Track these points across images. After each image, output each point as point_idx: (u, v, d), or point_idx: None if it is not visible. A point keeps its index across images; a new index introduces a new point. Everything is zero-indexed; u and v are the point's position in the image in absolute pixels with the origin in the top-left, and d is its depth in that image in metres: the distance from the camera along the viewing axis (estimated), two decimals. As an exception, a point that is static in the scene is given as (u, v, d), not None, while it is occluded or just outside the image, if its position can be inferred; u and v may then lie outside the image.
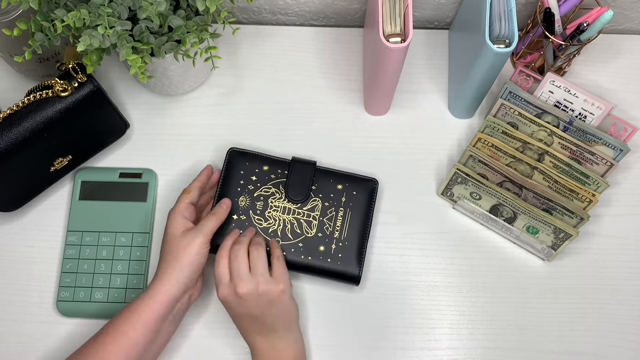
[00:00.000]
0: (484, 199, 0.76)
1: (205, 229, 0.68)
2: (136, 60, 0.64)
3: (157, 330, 0.65)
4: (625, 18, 0.89)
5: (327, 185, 0.76)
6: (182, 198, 0.71)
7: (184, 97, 0.84)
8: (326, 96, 0.85)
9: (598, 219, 0.79)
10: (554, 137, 0.76)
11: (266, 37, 0.88)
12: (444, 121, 0.84)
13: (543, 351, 0.75)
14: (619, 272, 0.78)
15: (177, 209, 0.70)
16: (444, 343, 0.75)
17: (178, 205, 0.70)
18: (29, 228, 0.78)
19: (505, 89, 0.77)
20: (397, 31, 0.67)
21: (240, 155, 0.77)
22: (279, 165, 0.77)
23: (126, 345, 0.63)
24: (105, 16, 0.62)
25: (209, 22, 0.69)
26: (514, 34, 0.68)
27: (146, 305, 0.65)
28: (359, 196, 0.76)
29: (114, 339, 0.64)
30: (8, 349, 0.74)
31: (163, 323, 0.66)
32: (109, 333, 0.65)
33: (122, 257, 0.76)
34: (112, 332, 0.64)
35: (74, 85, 0.69)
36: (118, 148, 0.82)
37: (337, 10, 0.89)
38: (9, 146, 0.67)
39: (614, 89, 0.86)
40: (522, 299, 0.76)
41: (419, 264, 0.78)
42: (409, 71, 0.86)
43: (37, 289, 0.76)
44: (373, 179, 0.77)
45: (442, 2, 0.85)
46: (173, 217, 0.69)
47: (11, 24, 0.68)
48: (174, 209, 0.70)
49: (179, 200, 0.71)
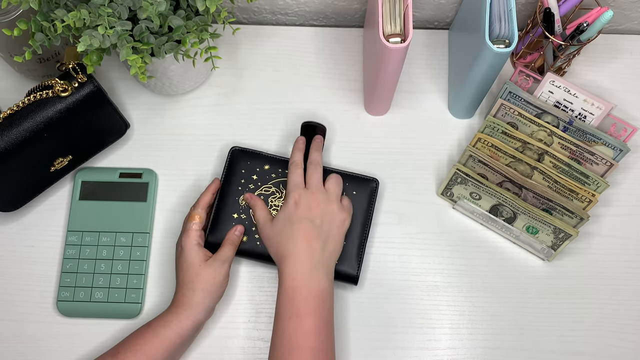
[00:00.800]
0: (484, 199, 0.76)
1: (227, 259, 0.70)
2: (136, 61, 0.64)
3: (177, 350, 0.67)
4: (625, 18, 0.89)
5: None
6: (192, 226, 0.71)
7: (184, 97, 0.84)
8: (326, 96, 0.85)
9: (598, 219, 0.79)
10: (553, 137, 0.76)
11: (266, 37, 0.88)
12: (444, 121, 0.84)
13: (543, 351, 0.75)
14: (619, 272, 0.78)
15: (191, 239, 0.70)
16: (444, 343, 0.75)
17: (190, 234, 0.70)
18: (29, 228, 0.78)
19: (505, 89, 0.77)
20: (397, 31, 0.67)
21: (242, 154, 0.77)
22: (280, 165, 0.77)
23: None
24: (106, 16, 0.62)
25: (209, 22, 0.69)
26: (513, 34, 0.68)
27: (170, 330, 0.66)
28: (359, 196, 0.76)
29: (135, 357, 0.64)
30: (9, 348, 0.74)
31: (185, 344, 0.68)
32: (130, 351, 0.64)
33: (122, 257, 0.76)
34: (133, 350, 0.64)
35: (74, 85, 0.69)
36: (118, 148, 0.82)
37: (337, 10, 0.89)
38: (9, 146, 0.67)
39: (614, 89, 0.86)
40: (522, 299, 0.76)
41: (419, 264, 0.78)
42: (409, 71, 0.86)
43: (37, 289, 0.76)
44: (374, 179, 0.77)
45: (442, 2, 0.85)
46: (189, 248, 0.69)
47: (11, 24, 0.68)
48: (188, 240, 0.70)
49: (189, 229, 0.70)
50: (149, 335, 0.65)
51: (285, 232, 0.68)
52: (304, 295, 0.65)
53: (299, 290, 0.65)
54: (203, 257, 0.69)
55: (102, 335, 0.73)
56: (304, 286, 0.65)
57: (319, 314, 0.64)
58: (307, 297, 0.65)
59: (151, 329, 0.66)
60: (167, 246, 0.78)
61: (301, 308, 0.64)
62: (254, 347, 0.74)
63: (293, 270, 0.66)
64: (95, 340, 0.73)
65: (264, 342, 0.74)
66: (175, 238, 0.77)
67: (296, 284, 0.65)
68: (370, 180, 0.77)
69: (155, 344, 0.65)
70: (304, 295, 0.65)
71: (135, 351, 0.64)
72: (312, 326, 0.63)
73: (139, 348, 0.64)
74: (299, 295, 0.65)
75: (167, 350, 0.65)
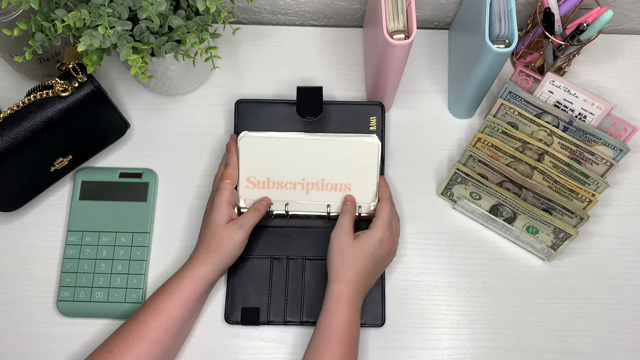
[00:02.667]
0: (484, 199, 0.76)
1: (248, 225, 0.70)
2: (136, 60, 0.64)
3: (194, 309, 0.70)
4: (625, 18, 0.89)
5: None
6: (227, 185, 0.72)
7: (184, 97, 0.85)
8: (326, 96, 0.85)
9: (598, 219, 0.79)
10: (553, 137, 0.76)
11: (266, 37, 0.88)
12: (444, 121, 0.84)
13: (543, 351, 0.75)
14: (618, 272, 0.78)
15: (222, 197, 0.71)
16: (444, 343, 0.75)
17: (223, 193, 0.71)
18: (29, 228, 0.78)
19: (505, 89, 0.77)
20: (400, 27, 0.67)
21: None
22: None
23: (167, 322, 0.66)
24: (106, 16, 0.62)
25: (209, 22, 0.69)
26: (513, 34, 0.68)
27: (186, 287, 0.67)
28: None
29: (154, 316, 0.66)
30: (9, 348, 0.74)
31: (200, 301, 0.70)
32: (149, 311, 0.67)
33: (122, 257, 0.76)
34: (152, 309, 0.67)
35: (74, 85, 0.69)
36: (118, 148, 0.82)
37: (337, 10, 0.89)
38: (9, 146, 0.67)
39: (614, 89, 0.86)
40: (522, 299, 0.76)
41: (419, 264, 0.78)
42: (409, 71, 0.86)
43: (37, 289, 0.76)
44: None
45: (442, 2, 0.85)
46: (219, 206, 0.70)
47: (11, 24, 0.68)
48: (220, 198, 0.71)
49: (224, 187, 0.71)
50: (165, 293, 0.68)
51: (358, 259, 0.69)
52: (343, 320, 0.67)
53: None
54: (227, 218, 0.70)
55: (102, 335, 0.73)
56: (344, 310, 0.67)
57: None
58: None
59: (167, 286, 0.68)
60: (167, 246, 0.78)
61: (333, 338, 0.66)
62: (254, 347, 0.74)
63: (342, 292, 0.68)
64: (95, 340, 0.73)
65: (264, 342, 0.74)
66: (176, 238, 0.78)
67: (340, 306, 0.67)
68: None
69: (173, 300, 0.67)
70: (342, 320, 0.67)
71: (154, 309, 0.66)
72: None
73: (156, 306, 0.67)
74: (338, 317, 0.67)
75: (184, 305, 0.67)
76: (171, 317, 0.66)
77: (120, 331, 0.66)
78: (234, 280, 0.75)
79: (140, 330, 0.65)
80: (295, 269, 0.75)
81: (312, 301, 0.74)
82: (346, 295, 0.67)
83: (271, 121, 0.78)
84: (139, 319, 0.66)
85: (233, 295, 0.74)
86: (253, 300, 0.74)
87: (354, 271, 0.68)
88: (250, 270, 0.75)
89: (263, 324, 0.74)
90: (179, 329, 0.67)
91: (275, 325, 0.74)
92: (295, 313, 0.74)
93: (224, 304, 0.75)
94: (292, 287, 0.75)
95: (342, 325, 0.66)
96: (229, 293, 0.74)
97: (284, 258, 0.76)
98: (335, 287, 0.68)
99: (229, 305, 0.74)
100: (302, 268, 0.75)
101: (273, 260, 0.76)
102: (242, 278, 0.75)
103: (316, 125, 0.78)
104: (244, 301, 0.74)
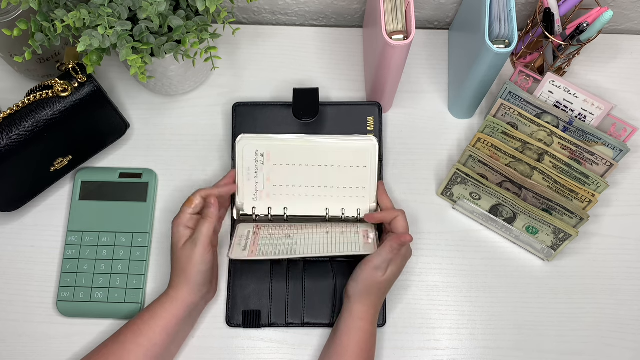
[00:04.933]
0: (484, 199, 0.76)
1: (200, 237, 0.68)
2: (136, 61, 0.64)
3: (176, 332, 0.68)
4: (625, 18, 0.89)
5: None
6: (184, 209, 0.70)
7: (184, 97, 0.85)
8: (325, 97, 0.85)
9: (598, 219, 0.79)
10: (553, 137, 0.76)
11: (266, 37, 0.88)
12: (444, 121, 0.84)
13: (542, 351, 0.75)
14: (618, 272, 0.78)
15: (178, 220, 0.70)
16: (443, 343, 0.75)
17: (180, 216, 0.70)
18: (29, 228, 0.78)
19: (505, 89, 0.77)
20: (399, 28, 0.67)
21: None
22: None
23: (145, 346, 0.65)
24: (105, 16, 0.62)
25: (209, 22, 0.69)
26: (513, 34, 0.68)
27: (165, 310, 0.67)
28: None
29: (133, 339, 0.66)
30: (8, 348, 0.74)
31: (182, 326, 0.69)
32: (128, 333, 0.66)
33: (122, 257, 0.76)
34: (131, 332, 0.66)
35: (74, 85, 0.69)
36: (118, 148, 0.82)
37: (337, 10, 0.89)
38: (9, 146, 0.67)
39: (613, 89, 0.86)
40: (522, 299, 0.76)
41: (419, 264, 0.78)
42: (409, 71, 0.86)
43: (37, 289, 0.76)
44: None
45: (442, 2, 0.85)
46: (175, 230, 0.70)
47: (11, 24, 0.68)
48: (176, 221, 0.70)
49: (182, 211, 0.70)
50: (146, 316, 0.67)
51: (384, 290, 0.70)
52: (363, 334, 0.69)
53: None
54: (184, 238, 0.69)
55: (102, 335, 0.73)
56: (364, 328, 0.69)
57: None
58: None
59: (149, 309, 0.68)
60: (167, 246, 0.77)
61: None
62: (254, 347, 0.74)
63: (365, 314, 0.69)
64: (95, 340, 0.73)
65: (264, 342, 0.74)
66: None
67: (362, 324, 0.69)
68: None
69: (152, 325, 0.67)
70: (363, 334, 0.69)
71: (134, 331, 0.66)
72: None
73: (136, 328, 0.67)
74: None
75: (164, 330, 0.66)
76: (150, 340, 0.66)
77: (99, 350, 0.66)
78: (235, 283, 0.75)
79: (119, 352, 0.65)
80: (296, 270, 0.75)
81: (313, 302, 0.74)
82: (368, 317, 0.69)
83: (269, 124, 0.78)
84: (120, 339, 0.66)
85: (234, 298, 0.74)
86: (254, 303, 0.74)
87: (378, 298, 0.70)
88: (250, 273, 0.75)
89: (265, 326, 0.74)
90: (160, 353, 0.66)
91: (277, 327, 0.74)
92: (297, 315, 0.74)
93: (225, 307, 0.75)
94: (293, 289, 0.75)
95: (363, 343, 0.68)
96: (230, 296, 0.74)
97: (284, 260, 0.76)
98: (358, 308, 0.69)
99: (230, 308, 0.74)
100: (303, 270, 0.75)
101: (273, 263, 0.75)
102: (242, 281, 0.75)
103: (314, 127, 0.78)
104: (245, 304, 0.74)
